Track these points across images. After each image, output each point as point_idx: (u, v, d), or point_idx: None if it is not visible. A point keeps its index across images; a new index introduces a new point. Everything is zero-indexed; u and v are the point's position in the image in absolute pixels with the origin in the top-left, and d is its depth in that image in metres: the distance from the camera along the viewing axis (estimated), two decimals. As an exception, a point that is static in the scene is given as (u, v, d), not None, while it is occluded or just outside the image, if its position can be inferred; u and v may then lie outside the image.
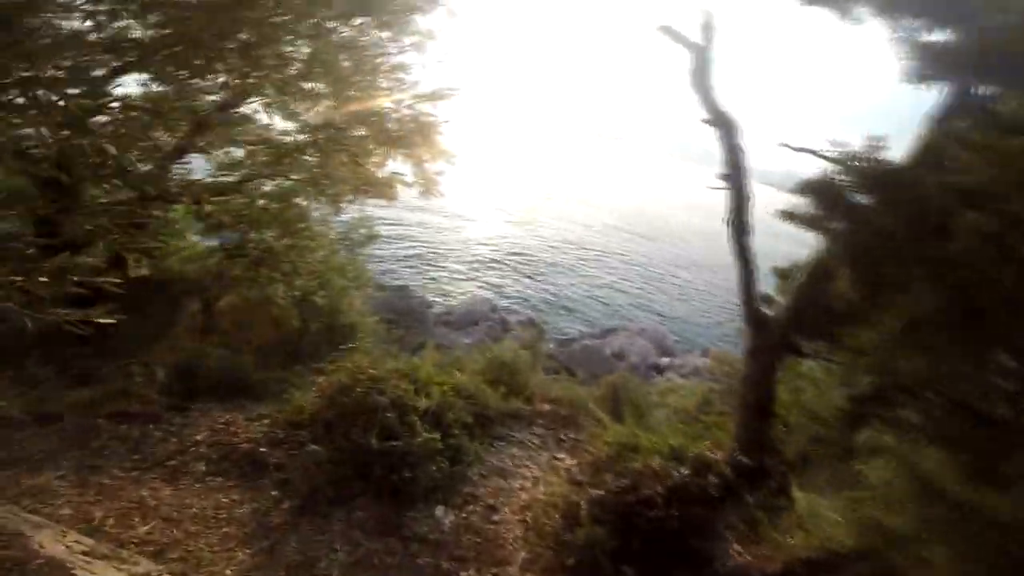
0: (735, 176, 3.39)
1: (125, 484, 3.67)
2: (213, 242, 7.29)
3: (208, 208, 6.56)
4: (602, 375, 11.15)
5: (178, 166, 5.90)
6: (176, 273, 7.37)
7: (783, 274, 3.65)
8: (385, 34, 5.09)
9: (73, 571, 2.26)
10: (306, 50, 4.64)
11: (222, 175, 6.18)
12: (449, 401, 4.24)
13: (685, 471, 3.32)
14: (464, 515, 3.77)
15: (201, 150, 5.35)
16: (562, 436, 5.70)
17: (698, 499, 3.21)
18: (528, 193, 41.17)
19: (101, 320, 2.88)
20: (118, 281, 3.39)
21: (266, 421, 4.43)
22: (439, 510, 3.60)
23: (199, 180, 6.08)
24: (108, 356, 5.93)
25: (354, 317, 7.34)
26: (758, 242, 3.59)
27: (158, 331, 6.64)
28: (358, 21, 4.86)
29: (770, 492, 3.17)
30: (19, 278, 2.70)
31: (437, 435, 3.73)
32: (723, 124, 3.42)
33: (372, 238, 9.29)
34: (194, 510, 3.47)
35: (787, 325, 3.43)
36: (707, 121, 3.45)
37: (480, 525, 3.75)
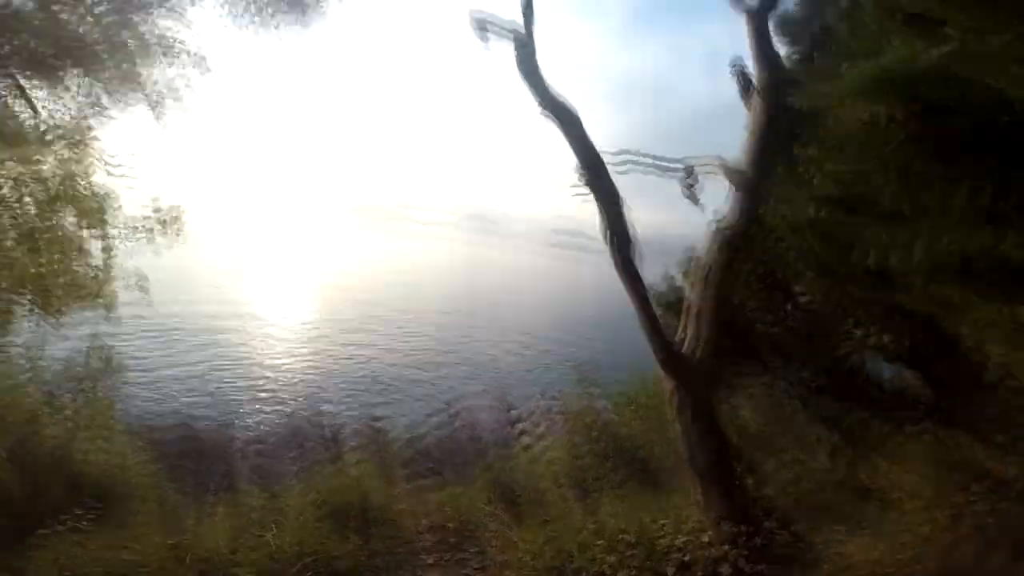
0: (594, 175, 2.79)
1: None
2: None
3: None
4: (468, 462, 9.77)
5: None
6: None
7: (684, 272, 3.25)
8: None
9: None
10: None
11: None
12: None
13: (671, 570, 2.47)
14: None
15: None
16: (465, 555, 4.30)
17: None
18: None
19: None
20: None
21: None
22: None
23: None
24: None
25: (103, 470, 4.83)
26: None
27: None
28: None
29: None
30: None
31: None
32: (562, 115, 2.88)
33: (114, 367, 6.47)
34: None
35: (710, 353, 3.00)
36: (543, 113, 2.93)
37: None
